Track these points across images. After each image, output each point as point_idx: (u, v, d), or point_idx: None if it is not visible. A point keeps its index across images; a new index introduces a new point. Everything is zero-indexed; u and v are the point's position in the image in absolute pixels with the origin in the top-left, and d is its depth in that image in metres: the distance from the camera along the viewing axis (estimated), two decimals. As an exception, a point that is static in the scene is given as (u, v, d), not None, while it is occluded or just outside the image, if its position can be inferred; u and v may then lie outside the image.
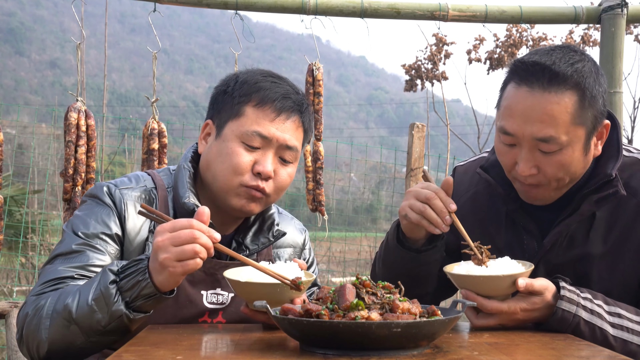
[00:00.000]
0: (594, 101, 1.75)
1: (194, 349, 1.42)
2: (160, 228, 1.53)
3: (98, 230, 1.78)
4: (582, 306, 1.68)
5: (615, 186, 1.82)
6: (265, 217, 1.96)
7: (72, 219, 1.84)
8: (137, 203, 1.84)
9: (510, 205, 1.95)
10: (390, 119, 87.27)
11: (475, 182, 2.08)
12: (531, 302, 1.67)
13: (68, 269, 1.72)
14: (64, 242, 1.79)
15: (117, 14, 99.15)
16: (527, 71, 1.75)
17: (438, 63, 7.44)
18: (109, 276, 1.58)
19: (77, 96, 3.39)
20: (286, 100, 1.85)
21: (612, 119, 1.90)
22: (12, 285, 7.87)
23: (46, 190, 7.60)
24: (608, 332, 1.69)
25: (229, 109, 1.85)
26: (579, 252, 1.88)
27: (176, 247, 1.50)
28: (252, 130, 1.81)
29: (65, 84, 66.85)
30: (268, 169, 1.81)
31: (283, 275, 1.59)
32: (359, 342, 1.29)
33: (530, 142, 1.76)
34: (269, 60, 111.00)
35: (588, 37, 7.51)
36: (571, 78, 1.72)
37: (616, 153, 1.86)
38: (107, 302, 1.57)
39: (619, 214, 1.86)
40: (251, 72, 1.91)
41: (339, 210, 9.76)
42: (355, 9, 3.44)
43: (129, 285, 1.56)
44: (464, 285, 1.72)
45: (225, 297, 1.88)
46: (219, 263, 1.85)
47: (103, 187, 1.86)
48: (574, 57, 1.76)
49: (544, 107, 1.72)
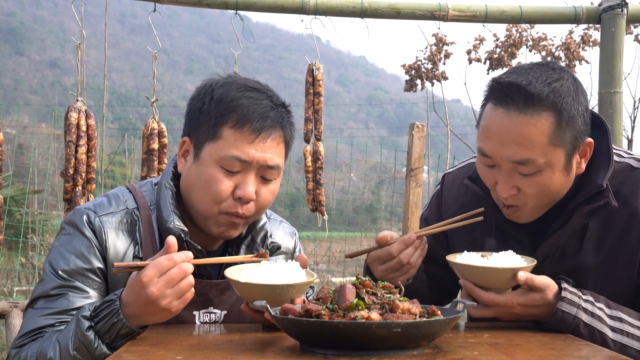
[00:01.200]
0: (572, 121, 1.71)
1: (194, 349, 1.42)
2: (146, 278, 1.50)
3: (79, 265, 1.74)
4: (583, 308, 1.67)
5: (607, 197, 1.79)
6: (257, 228, 1.91)
7: (52, 253, 1.78)
8: (118, 230, 1.78)
9: (500, 216, 1.91)
10: (390, 119, 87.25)
11: (464, 192, 2.05)
12: (530, 298, 1.66)
13: (49, 317, 1.69)
14: (44, 282, 1.74)
15: (117, 14, 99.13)
16: (503, 92, 1.72)
17: (438, 63, 7.43)
18: (84, 323, 1.57)
19: (77, 96, 3.39)
20: (265, 119, 1.75)
21: (600, 122, 1.87)
22: (12, 285, 7.87)
23: (46, 190, 7.60)
24: (607, 336, 1.68)
25: (205, 129, 1.77)
26: (572, 263, 1.86)
27: (173, 289, 1.52)
28: (231, 155, 1.72)
29: (65, 84, 66.84)
30: (249, 193, 1.74)
31: (247, 257, 1.67)
32: (359, 342, 1.29)
33: (508, 165, 1.74)
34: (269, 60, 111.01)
35: (588, 37, 7.50)
36: (547, 98, 1.69)
37: (607, 162, 1.82)
38: (89, 349, 1.56)
39: (611, 224, 1.84)
40: (227, 86, 1.79)
41: (339, 210, 9.76)
42: (355, 9, 3.44)
43: (106, 329, 1.55)
44: (464, 275, 1.72)
45: (218, 315, 1.85)
46: (210, 283, 1.82)
47: (83, 215, 1.79)
48: (552, 75, 1.72)
49: (520, 130, 1.69)
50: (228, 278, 1.64)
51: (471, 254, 1.75)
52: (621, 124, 3.66)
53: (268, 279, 1.61)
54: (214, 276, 1.86)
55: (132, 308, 1.55)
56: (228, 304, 1.85)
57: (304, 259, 1.77)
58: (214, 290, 1.82)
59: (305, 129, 3.72)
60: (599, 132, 1.85)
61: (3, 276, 8.32)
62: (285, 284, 1.59)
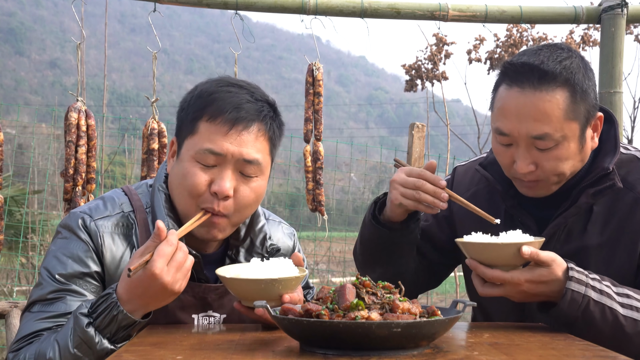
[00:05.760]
0: (585, 95, 1.79)
1: (194, 349, 1.42)
2: (158, 270, 1.52)
3: (76, 269, 1.72)
4: (591, 286, 1.68)
5: (612, 179, 1.85)
6: (255, 230, 1.89)
7: (48, 257, 1.76)
8: (114, 234, 1.77)
9: (509, 202, 1.97)
10: (390, 119, 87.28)
11: (476, 182, 2.10)
12: (537, 274, 1.65)
13: (46, 320, 1.68)
14: (41, 287, 1.72)
15: (117, 14, 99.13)
16: (517, 72, 1.79)
17: (438, 63, 7.43)
18: (82, 320, 1.56)
19: (77, 96, 3.39)
20: (239, 110, 1.70)
21: (608, 115, 1.94)
22: (12, 285, 7.88)
23: (46, 190, 7.60)
24: (618, 312, 1.70)
25: (185, 126, 1.75)
26: (576, 244, 1.90)
27: (181, 271, 1.57)
28: (205, 148, 1.69)
29: (65, 84, 66.86)
30: (224, 188, 1.69)
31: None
32: (359, 342, 1.29)
33: (526, 140, 1.79)
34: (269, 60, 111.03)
35: (588, 37, 7.51)
36: (560, 75, 1.76)
37: (613, 148, 1.90)
38: (90, 345, 1.56)
39: (616, 207, 1.89)
40: (209, 83, 1.77)
41: (339, 210, 9.77)
42: (355, 9, 3.44)
43: (106, 323, 1.56)
44: (470, 254, 1.72)
45: (217, 318, 1.84)
46: (209, 287, 1.81)
47: (78, 219, 1.77)
48: (561, 54, 1.80)
49: (537, 106, 1.75)
50: (218, 274, 1.65)
51: (479, 235, 1.75)
52: (621, 124, 3.66)
53: (255, 274, 1.61)
54: (212, 280, 1.84)
55: (137, 302, 1.56)
56: (227, 308, 1.84)
57: (298, 257, 1.77)
58: (212, 294, 1.81)
59: (305, 129, 3.72)
60: (607, 124, 1.93)
61: (3, 276, 8.32)
62: (271, 279, 1.59)
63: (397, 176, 1.87)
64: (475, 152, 7.88)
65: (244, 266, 1.69)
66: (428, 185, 1.81)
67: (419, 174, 1.84)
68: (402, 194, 1.84)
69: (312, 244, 8.11)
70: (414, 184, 1.82)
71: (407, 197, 1.83)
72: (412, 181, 1.83)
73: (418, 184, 1.82)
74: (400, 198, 1.84)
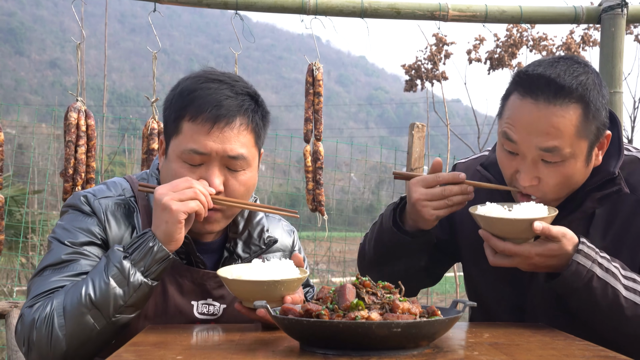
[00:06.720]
0: (597, 114, 1.77)
1: (194, 349, 1.42)
2: (160, 190, 1.66)
3: (85, 239, 1.74)
4: (599, 263, 1.69)
5: (619, 184, 1.84)
6: (253, 223, 1.91)
7: (57, 229, 1.78)
8: (116, 212, 1.79)
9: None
10: (390, 119, 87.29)
11: (477, 180, 2.09)
12: (548, 248, 1.68)
13: (62, 279, 1.68)
14: (52, 252, 1.73)
15: (117, 14, 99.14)
16: (532, 83, 1.75)
17: (438, 63, 7.43)
18: (119, 254, 1.63)
19: (77, 96, 3.39)
20: (219, 108, 1.71)
21: (612, 116, 1.91)
22: (12, 285, 7.88)
23: (46, 190, 7.59)
24: (620, 293, 1.70)
25: (170, 125, 1.78)
26: None
27: (177, 192, 1.64)
28: (189, 149, 1.71)
29: (65, 84, 66.88)
30: (213, 185, 1.72)
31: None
32: (359, 342, 1.29)
33: (533, 153, 1.76)
34: (269, 60, 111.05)
35: (588, 37, 7.51)
36: (576, 91, 1.73)
37: (617, 151, 1.88)
38: (125, 276, 1.61)
39: (618, 210, 1.88)
40: (190, 79, 1.79)
41: (339, 210, 9.76)
42: (355, 9, 3.44)
43: (141, 255, 1.63)
44: (483, 226, 1.74)
45: (216, 308, 1.84)
46: (207, 274, 1.82)
47: (81, 197, 1.80)
48: (578, 69, 1.77)
49: (550, 120, 1.73)
50: (219, 276, 1.65)
51: (494, 205, 1.76)
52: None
53: (257, 275, 1.61)
54: (210, 268, 1.86)
55: (159, 234, 1.65)
56: (228, 299, 1.85)
57: (298, 257, 1.77)
58: (211, 281, 1.81)
59: (305, 129, 3.73)
60: (611, 125, 1.91)
61: (3, 276, 8.32)
62: (273, 280, 1.59)
63: (416, 193, 1.84)
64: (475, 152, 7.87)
65: (246, 267, 1.69)
66: (454, 188, 1.81)
67: (435, 180, 1.83)
68: (435, 208, 1.82)
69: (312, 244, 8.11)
70: (440, 194, 1.81)
71: (440, 209, 1.82)
72: (438, 193, 1.81)
73: (445, 193, 1.81)
74: (435, 212, 1.83)
